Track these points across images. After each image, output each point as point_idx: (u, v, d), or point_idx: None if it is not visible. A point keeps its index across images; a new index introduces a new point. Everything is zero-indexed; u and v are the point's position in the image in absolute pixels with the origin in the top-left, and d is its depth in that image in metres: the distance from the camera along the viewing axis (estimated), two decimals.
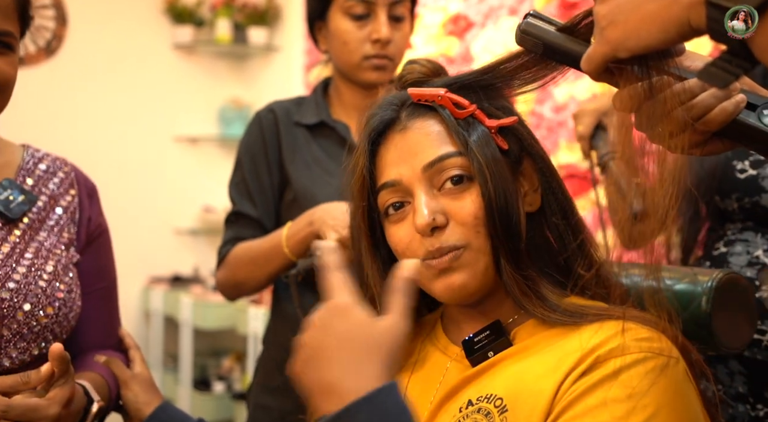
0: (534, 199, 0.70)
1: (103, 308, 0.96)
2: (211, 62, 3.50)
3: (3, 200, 0.86)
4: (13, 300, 0.82)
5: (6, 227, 0.86)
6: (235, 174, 1.22)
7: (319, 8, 1.16)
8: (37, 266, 0.86)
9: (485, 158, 0.66)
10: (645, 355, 0.60)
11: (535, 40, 0.59)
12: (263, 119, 1.20)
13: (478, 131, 0.67)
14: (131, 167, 3.23)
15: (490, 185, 0.65)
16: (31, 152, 0.95)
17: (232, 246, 1.17)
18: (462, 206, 0.66)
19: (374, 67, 1.16)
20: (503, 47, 2.17)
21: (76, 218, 0.94)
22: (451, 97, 0.67)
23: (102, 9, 3.16)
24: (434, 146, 0.67)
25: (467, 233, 0.66)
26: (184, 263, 3.39)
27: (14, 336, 0.83)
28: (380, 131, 0.70)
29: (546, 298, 0.66)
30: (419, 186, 0.67)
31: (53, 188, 0.93)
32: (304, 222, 1.06)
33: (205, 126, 3.48)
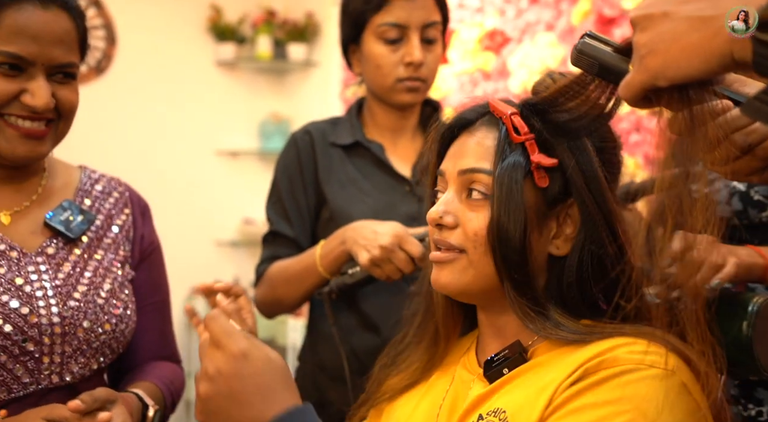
0: (563, 245, 0.70)
1: (157, 321, 1.00)
2: (252, 78, 3.59)
3: (64, 220, 0.91)
4: (74, 318, 0.87)
5: (67, 247, 0.91)
6: (272, 194, 1.25)
7: (352, 33, 1.20)
8: (96, 284, 0.91)
9: (502, 184, 0.68)
10: (635, 366, 0.61)
11: (590, 60, 0.59)
12: (299, 140, 1.24)
13: (517, 159, 0.69)
14: (174, 180, 3.32)
15: (495, 209, 0.68)
16: (87, 174, 1.00)
17: (269, 265, 1.20)
18: (471, 218, 0.70)
19: (407, 89, 1.18)
20: (540, 62, 2.18)
21: (131, 236, 0.98)
22: (513, 120, 0.69)
23: (149, 29, 3.28)
24: (477, 156, 0.71)
25: (467, 242, 0.70)
26: (224, 275, 3.47)
27: (75, 352, 0.87)
28: (456, 127, 0.75)
29: (553, 321, 0.68)
30: (452, 184, 0.72)
31: (109, 208, 0.97)
32: (337, 241, 1.08)
33: (245, 140, 3.57)
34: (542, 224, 0.69)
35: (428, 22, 1.17)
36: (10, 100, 0.83)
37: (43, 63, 0.84)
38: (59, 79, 0.86)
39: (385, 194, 1.20)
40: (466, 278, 0.70)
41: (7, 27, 0.81)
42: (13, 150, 0.85)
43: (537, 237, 0.69)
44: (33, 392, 0.85)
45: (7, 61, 0.82)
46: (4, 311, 0.83)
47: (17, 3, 0.82)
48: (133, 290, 0.96)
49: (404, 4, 1.15)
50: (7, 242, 0.87)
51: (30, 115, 0.84)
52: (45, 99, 0.83)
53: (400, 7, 1.15)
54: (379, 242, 1.01)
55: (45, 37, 0.83)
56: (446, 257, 0.71)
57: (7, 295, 0.84)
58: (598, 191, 0.69)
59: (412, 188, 1.21)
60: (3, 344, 0.82)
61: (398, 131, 1.25)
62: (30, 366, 0.84)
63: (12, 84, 0.83)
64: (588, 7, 2.04)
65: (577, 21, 2.07)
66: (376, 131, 1.24)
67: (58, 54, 0.84)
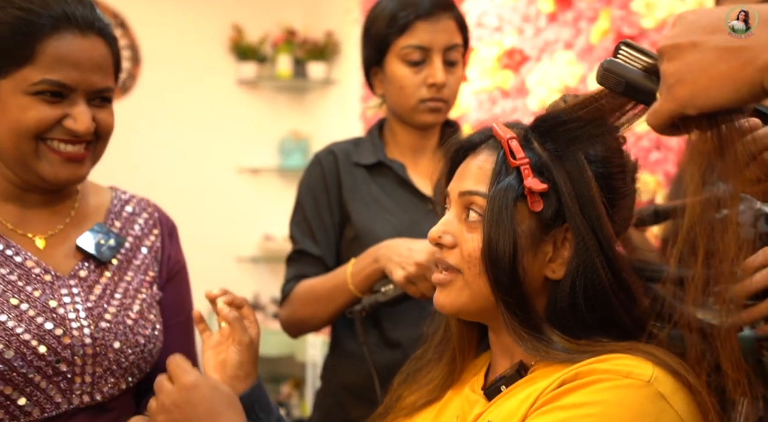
0: (558, 268, 0.70)
1: (182, 340, 1.02)
2: (273, 96, 3.65)
3: (95, 244, 0.93)
4: (105, 339, 0.89)
5: (98, 269, 0.93)
6: (296, 214, 1.26)
7: (376, 56, 1.22)
8: (126, 305, 0.93)
9: (494, 207, 0.70)
10: (609, 376, 0.63)
11: (617, 78, 0.60)
12: (323, 160, 1.25)
13: (507, 183, 0.70)
14: (196, 197, 3.37)
15: (486, 231, 0.70)
16: (118, 195, 1.02)
17: (295, 284, 1.20)
18: (467, 239, 0.72)
19: (430, 109, 1.20)
20: (559, 81, 2.19)
21: (159, 257, 1.00)
22: (510, 145, 0.71)
23: (173, 49, 3.36)
24: (476, 179, 0.73)
25: (462, 263, 0.72)
26: (245, 290, 3.49)
27: (105, 372, 0.89)
28: (463, 149, 0.77)
29: (549, 342, 0.69)
30: (454, 205, 0.75)
31: (138, 229, 1.00)
32: (370, 259, 1.09)
33: (266, 157, 3.61)
34: (537, 247, 0.70)
35: (450, 44, 1.19)
36: (53, 126, 0.85)
37: (84, 89, 0.86)
38: (97, 103, 0.89)
39: (408, 212, 1.21)
40: (462, 299, 0.72)
41: (50, 56, 0.83)
42: (56, 174, 0.87)
43: (531, 260, 0.70)
44: (65, 411, 0.87)
45: (50, 89, 0.84)
46: (39, 333, 0.84)
47: (58, 32, 0.84)
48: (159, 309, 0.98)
49: (427, 27, 1.17)
50: (42, 266, 0.90)
51: (71, 139, 0.87)
52: (87, 123, 0.86)
53: (423, 30, 1.17)
54: (415, 258, 1.01)
55: (85, 64, 0.85)
56: (444, 278, 0.73)
57: (42, 317, 0.86)
58: (593, 217, 0.69)
59: (434, 206, 1.22)
60: (38, 365, 0.84)
61: (419, 151, 1.26)
62: (62, 386, 0.86)
63: (55, 110, 0.85)
64: (607, 26, 2.05)
65: (596, 39, 2.08)
66: (398, 151, 1.26)
67: (97, 80, 0.87)
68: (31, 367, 0.84)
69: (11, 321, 0.84)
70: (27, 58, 0.83)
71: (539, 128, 0.72)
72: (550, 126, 0.71)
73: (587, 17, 2.12)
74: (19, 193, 0.91)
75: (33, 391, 0.84)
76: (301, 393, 3.14)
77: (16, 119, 0.84)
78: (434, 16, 1.17)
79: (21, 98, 0.84)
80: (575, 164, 0.70)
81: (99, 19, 0.88)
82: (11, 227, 0.90)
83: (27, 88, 0.84)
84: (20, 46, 0.83)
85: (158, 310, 0.97)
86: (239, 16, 3.49)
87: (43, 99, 0.84)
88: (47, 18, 0.84)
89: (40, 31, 0.83)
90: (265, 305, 3.34)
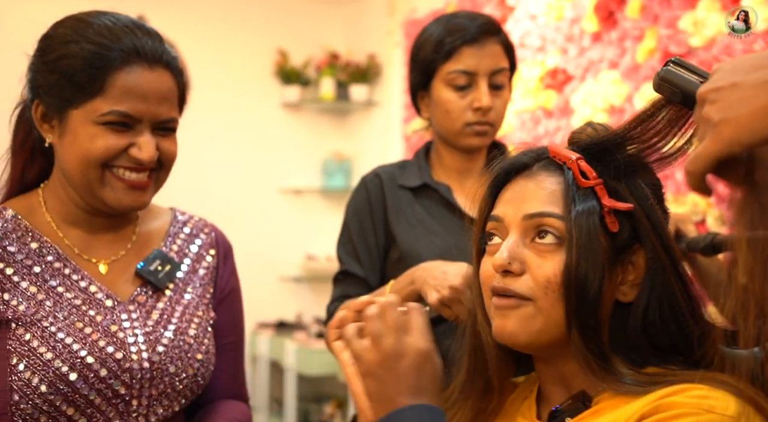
0: (630, 291, 0.69)
1: (231, 361, 1.04)
2: (316, 118, 3.71)
3: (153, 270, 0.96)
4: (162, 363, 0.91)
5: (155, 295, 0.96)
6: (343, 236, 1.28)
7: (422, 80, 1.23)
8: (182, 330, 0.95)
9: (580, 229, 0.67)
10: (690, 410, 0.60)
11: (673, 88, 0.59)
12: (369, 183, 1.27)
13: (589, 204, 0.68)
14: (241, 217, 3.43)
15: (573, 257, 0.66)
16: (177, 216, 1.05)
17: (340, 304, 1.21)
18: (541, 264, 0.68)
19: (476, 133, 1.21)
20: (603, 100, 2.16)
21: (214, 278, 1.03)
22: (580, 165, 0.68)
23: (219, 74, 3.46)
24: (543, 200, 0.69)
25: (537, 290, 0.67)
26: (288, 310, 3.53)
27: (160, 395, 0.91)
28: (509, 172, 0.74)
29: (617, 372, 0.66)
30: (515, 230, 0.70)
31: (195, 250, 1.02)
32: (406, 281, 1.09)
33: (308, 178, 3.66)
34: (611, 269, 0.68)
35: (496, 68, 1.20)
36: (119, 154, 0.88)
37: (149, 119, 0.89)
38: (162, 133, 0.92)
39: (453, 234, 1.21)
40: (535, 327, 0.68)
41: (119, 88, 0.87)
42: (119, 201, 0.90)
43: (607, 283, 0.67)
44: None
45: (118, 120, 0.87)
46: (101, 357, 0.87)
47: (127, 65, 0.87)
48: (213, 332, 1.00)
49: (473, 52, 1.19)
50: (104, 291, 0.92)
51: (135, 166, 0.90)
52: (151, 153, 0.89)
53: (470, 56, 1.18)
54: (449, 282, 1.02)
55: (151, 96, 0.88)
56: (511, 303, 0.68)
57: (104, 341, 0.88)
58: (663, 236, 0.68)
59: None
60: (98, 387, 0.86)
61: (465, 173, 1.27)
62: (120, 409, 0.89)
63: (121, 139, 0.88)
64: (653, 45, 2.02)
65: (642, 58, 2.06)
66: (444, 173, 1.27)
67: (163, 111, 0.90)
68: (92, 389, 0.86)
69: (76, 343, 0.87)
70: (98, 90, 0.87)
71: (590, 151, 0.71)
72: (602, 150, 0.70)
73: (633, 36, 2.10)
74: (86, 217, 0.94)
75: (93, 412, 0.87)
76: (344, 413, 3.13)
77: (85, 147, 0.87)
78: (480, 41, 1.19)
79: (90, 128, 0.87)
80: (636, 186, 0.69)
81: (167, 53, 0.91)
82: (77, 252, 0.94)
83: (96, 119, 0.87)
84: (92, 79, 0.87)
85: (212, 333, 0.99)
86: (284, 40, 3.58)
87: (111, 129, 0.87)
88: (118, 52, 0.87)
89: (110, 64, 0.87)
90: (308, 325, 3.36)
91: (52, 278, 0.90)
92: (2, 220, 0.91)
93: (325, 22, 3.70)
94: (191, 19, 3.38)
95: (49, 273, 0.90)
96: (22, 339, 0.85)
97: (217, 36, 3.47)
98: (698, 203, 1.87)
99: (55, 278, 0.90)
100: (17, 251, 0.90)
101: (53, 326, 0.87)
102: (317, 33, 3.65)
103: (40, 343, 0.85)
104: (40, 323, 0.86)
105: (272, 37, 3.56)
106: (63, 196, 0.93)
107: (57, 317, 0.88)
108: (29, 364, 0.84)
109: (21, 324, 0.86)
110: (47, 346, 0.85)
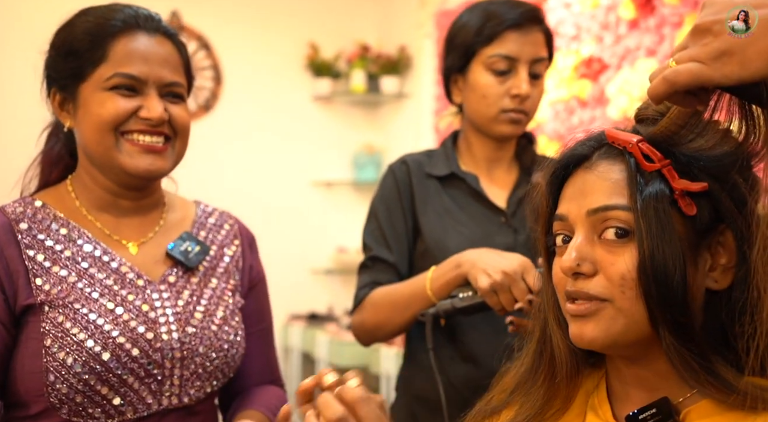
0: (722, 277, 0.63)
1: (263, 347, 1.05)
2: (347, 111, 3.71)
3: (183, 251, 0.98)
4: (192, 343, 0.93)
5: (185, 275, 0.98)
6: (370, 223, 1.26)
7: (459, 64, 1.21)
8: (210, 311, 0.97)
9: (649, 217, 0.61)
10: None
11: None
12: (397, 170, 1.26)
13: (656, 188, 0.62)
14: (272, 210, 3.46)
15: (646, 246, 0.60)
16: (202, 208, 1.07)
17: (370, 290, 1.20)
18: (614, 261, 0.62)
19: (511, 120, 1.18)
20: (641, 89, 2.11)
21: (240, 266, 1.04)
22: (642, 147, 0.62)
23: (252, 68, 3.48)
24: (606, 192, 0.64)
25: (612, 289, 0.62)
26: (319, 302, 3.55)
27: (192, 376, 0.93)
28: (567, 165, 0.68)
29: (720, 376, 0.60)
30: (580, 228, 0.65)
31: (221, 239, 1.04)
32: (452, 264, 1.07)
33: (339, 171, 3.67)
34: (696, 256, 0.62)
35: (537, 57, 1.18)
36: (129, 117, 0.91)
37: (154, 81, 0.92)
38: (170, 100, 0.94)
39: (480, 225, 1.20)
40: (617, 329, 0.62)
41: (120, 52, 0.91)
42: (136, 166, 0.92)
43: (693, 272, 0.61)
44: (155, 412, 0.91)
45: (124, 83, 0.91)
46: (132, 336, 0.89)
47: (128, 32, 0.92)
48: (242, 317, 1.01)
49: (516, 37, 1.16)
50: (135, 271, 0.94)
51: (147, 128, 0.92)
52: (159, 111, 0.91)
53: (513, 41, 1.16)
54: (503, 267, 0.99)
55: (153, 58, 0.92)
56: (588, 308, 0.63)
57: (135, 321, 0.90)
58: (748, 213, 0.61)
59: (507, 219, 1.20)
60: (131, 366, 0.88)
61: (494, 162, 1.25)
62: (153, 388, 0.90)
63: (130, 102, 0.91)
64: None
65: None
66: (472, 162, 1.25)
67: (166, 73, 0.93)
68: (125, 369, 0.88)
69: (108, 324, 0.89)
70: (101, 58, 0.91)
71: (656, 138, 0.64)
72: (665, 137, 0.63)
73: (671, 23, 2.04)
74: (113, 201, 0.97)
75: (127, 392, 0.89)
76: None
77: (96, 114, 0.91)
78: (524, 27, 1.17)
79: (99, 95, 0.91)
80: (710, 159, 0.63)
81: (165, 26, 0.96)
82: (108, 233, 0.96)
83: (102, 85, 0.91)
84: (94, 47, 0.91)
85: (240, 317, 1.00)
86: (315, 34, 3.59)
87: (119, 93, 0.91)
88: (117, 21, 0.92)
89: (111, 32, 0.91)
90: (339, 317, 3.37)
91: (83, 261, 0.92)
92: (31, 209, 0.93)
93: (355, 14, 3.69)
94: (223, 14, 3.41)
95: (80, 256, 0.92)
96: (55, 321, 0.87)
97: (248, 30, 3.49)
98: None
99: (86, 260, 0.92)
100: (47, 237, 0.91)
101: (85, 307, 0.89)
102: (348, 26, 3.64)
103: (72, 324, 0.87)
104: (72, 305, 0.88)
105: (303, 31, 3.57)
106: (89, 182, 0.96)
107: (89, 298, 0.89)
108: (63, 345, 0.86)
109: (54, 306, 0.88)
110: (80, 327, 0.87)
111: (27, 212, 0.92)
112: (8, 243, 0.89)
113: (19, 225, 0.90)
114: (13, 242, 0.89)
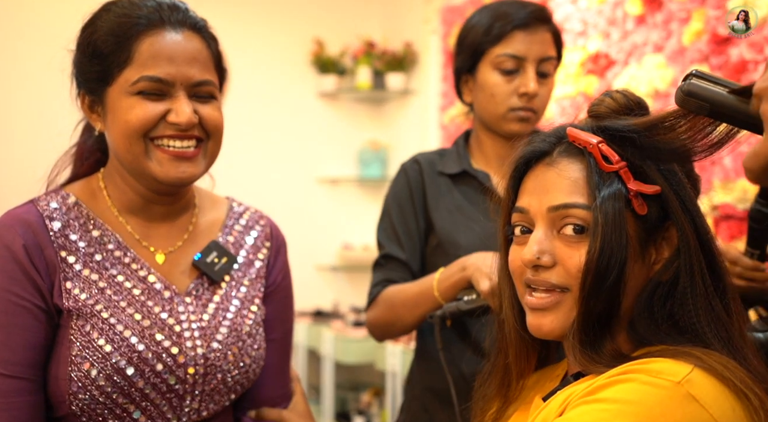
0: (665, 269, 0.68)
1: (279, 356, 1.01)
2: (352, 107, 3.71)
3: (209, 262, 0.94)
4: (215, 359, 0.90)
5: (211, 288, 0.94)
6: (383, 221, 1.28)
7: (468, 64, 1.23)
8: (237, 325, 0.93)
9: (606, 218, 0.66)
10: (637, 376, 0.61)
11: (700, 102, 0.58)
12: (409, 169, 1.27)
13: (613, 188, 0.67)
14: (277, 206, 3.42)
15: (597, 245, 0.66)
16: (233, 207, 1.02)
17: (383, 288, 1.22)
18: (572, 255, 0.67)
19: (519, 118, 1.20)
20: (648, 85, 2.10)
21: (269, 270, 1.01)
22: (602, 149, 0.67)
23: (257, 63, 3.48)
24: (566, 191, 0.68)
25: (570, 279, 0.68)
26: (324, 299, 3.56)
27: (212, 391, 0.91)
28: (529, 159, 0.73)
29: (600, 354, 0.67)
30: (541, 222, 0.70)
31: (250, 242, 1.00)
32: (457, 267, 1.09)
33: (344, 168, 3.67)
34: (644, 251, 0.68)
35: (545, 56, 1.20)
36: (158, 122, 0.86)
37: (182, 82, 0.87)
38: (200, 100, 0.89)
39: (492, 221, 1.20)
40: (573, 318, 0.68)
41: (145, 53, 0.86)
42: (166, 174, 0.88)
43: (640, 266, 0.68)
44: None
45: (150, 86, 0.86)
46: (157, 351, 0.87)
47: (152, 30, 0.86)
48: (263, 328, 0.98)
49: (524, 37, 1.18)
50: (163, 282, 0.91)
51: (177, 134, 0.87)
52: (188, 114, 0.86)
53: (520, 41, 1.18)
54: None
55: (180, 57, 0.87)
56: (549, 301, 0.69)
57: (161, 334, 0.88)
58: (694, 214, 0.68)
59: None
60: (154, 381, 0.86)
61: (505, 160, 1.24)
62: (174, 404, 0.88)
63: (157, 106, 0.86)
64: (700, 27, 1.95)
65: (689, 41, 1.99)
66: (483, 160, 1.26)
67: (194, 72, 0.87)
68: (148, 383, 0.86)
69: (134, 336, 0.86)
70: (126, 60, 0.86)
71: (609, 133, 0.68)
72: (623, 137, 0.68)
73: (679, 18, 2.03)
74: (143, 205, 0.93)
75: (148, 406, 0.87)
76: (381, 401, 3.15)
77: (124, 120, 0.86)
78: (531, 27, 1.19)
79: (126, 100, 0.86)
80: (663, 161, 0.68)
81: (192, 18, 0.90)
82: (137, 238, 0.93)
83: (129, 89, 0.86)
84: (118, 49, 0.86)
85: (263, 329, 0.97)
86: (320, 30, 3.58)
87: (146, 97, 0.86)
88: (141, 19, 0.87)
89: (134, 32, 0.86)
90: (344, 314, 3.38)
91: (112, 267, 0.90)
92: (65, 207, 0.91)
93: (361, 10, 3.69)
94: (228, 9, 3.40)
95: (109, 262, 0.90)
96: (83, 329, 0.85)
97: (253, 26, 3.49)
98: (747, 189, 1.81)
99: (116, 266, 0.90)
100: (79, 238, 0.89)
101: (112, 317, 0.86)
102: (353, 22, 3.64)
103: (99, 335, 0.85)
104: (100, 314, 0.86)
105: (309, 27, 3.57)
106: (120, 184, 0.92)
107: (116, 307, 0.87)
108: (88, 356, 0.84)
109: (81, 314, 0.86)
110: (106, 337, 0.85)
111: (61, 209, 0.90)
112: (47, 244, 0.86)
113: (52, 224, 0.88)
114: (48, 242, 0.87)
